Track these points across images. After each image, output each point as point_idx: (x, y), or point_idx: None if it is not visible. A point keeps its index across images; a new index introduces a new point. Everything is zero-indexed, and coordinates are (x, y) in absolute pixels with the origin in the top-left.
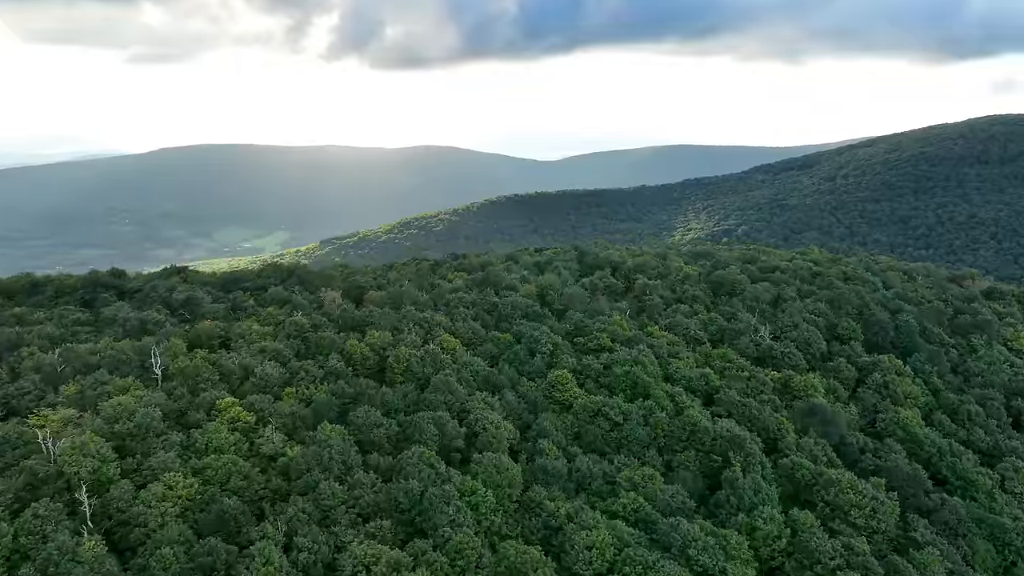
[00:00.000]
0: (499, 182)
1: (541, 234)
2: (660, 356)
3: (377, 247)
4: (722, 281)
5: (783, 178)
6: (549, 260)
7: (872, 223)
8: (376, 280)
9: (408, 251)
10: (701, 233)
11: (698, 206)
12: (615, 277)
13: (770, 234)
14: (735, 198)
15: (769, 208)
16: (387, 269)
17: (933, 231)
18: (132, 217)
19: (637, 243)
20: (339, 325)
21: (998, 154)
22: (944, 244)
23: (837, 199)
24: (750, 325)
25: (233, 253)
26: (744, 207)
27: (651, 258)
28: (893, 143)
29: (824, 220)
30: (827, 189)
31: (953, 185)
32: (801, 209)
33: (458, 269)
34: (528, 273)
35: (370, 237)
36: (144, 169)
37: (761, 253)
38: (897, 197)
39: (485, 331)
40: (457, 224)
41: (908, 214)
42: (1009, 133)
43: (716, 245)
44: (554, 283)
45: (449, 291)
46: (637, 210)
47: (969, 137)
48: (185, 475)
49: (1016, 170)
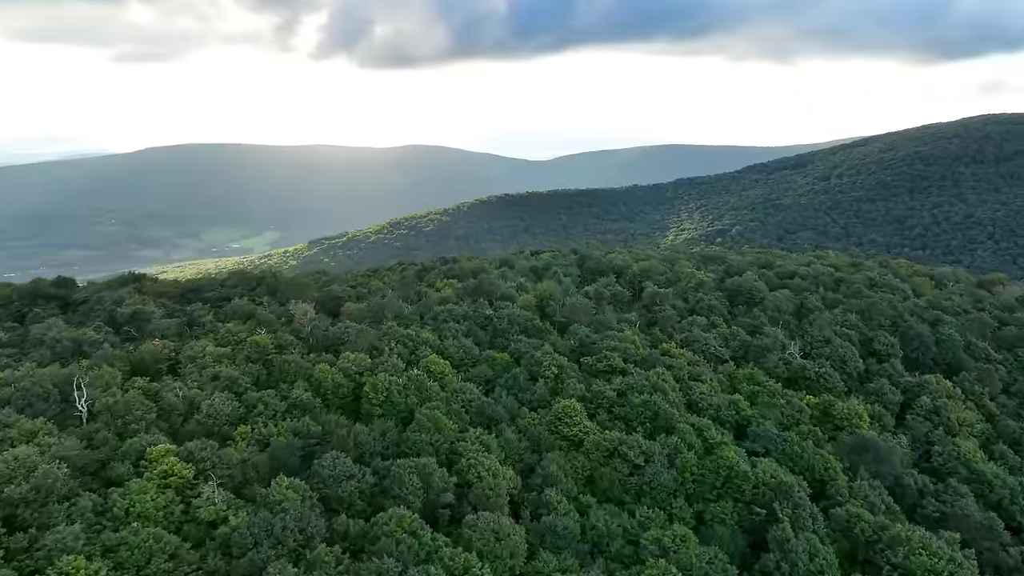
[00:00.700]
0: (489, 182)
1: (532, 234)
2: (680, 379)
3: (366, 248)
4: (739, 289)
5: (777, 178)
6: (547, 265)
7: (867, 223)
8: (356, 289)
9: (397, 252)
10: (695, 233)
11: (691, 206)
12: (620, 283)
13: (764, 234)
14: (728, 198)
15: (763, 208)
16: (369, 276)
17: (929, 231)
18: (118, 217)
19: (630, 243)
20: (309, 344)
21: (993, 153)
22: (941, 244)
23: (832, 199)
24: (777, 340)
25: (221, 253)
26: (738, 207)
27: (658, 262)
28: (887, 142)
29: (819, 220)
30: (821, 189)
31: (949, 184)
32: (795, 209)
33: (448, 276)
34: (525, 280)
35: (359, 237)
36: (131, 168)
37: (775, 257)
38: (892, 197)
39: (479, 350)
40: (447, 224)
41: (904, 214)
42: (1004, 132)
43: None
44: (554, 292)
45: (437, 302)
46: (629, 210)
47: (964, 136)
48: (91, 558)
49: (1012, 169)
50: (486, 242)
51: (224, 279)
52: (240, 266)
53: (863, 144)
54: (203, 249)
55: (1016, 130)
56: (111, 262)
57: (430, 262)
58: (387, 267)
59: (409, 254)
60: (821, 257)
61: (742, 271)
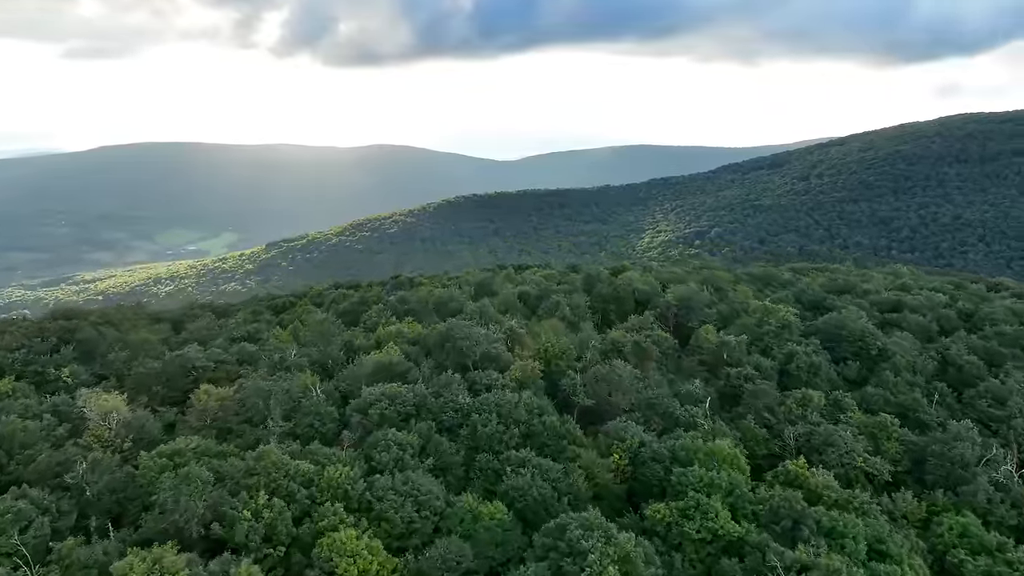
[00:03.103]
0: (456, 182)
1: (503, 236)
2: (854, 554)
3: (327, 250)
4: (839, 332)
5: (752, 178)
6: (543, 292)
7: (852, 224)
8: (238, 348)
9: (359, 256)
10: (672, 235)
11: (666, 207)
12: (656, 319)
13: (745, 236)
14: (704, 198)
15: (742, 208)
16: (281, 311)
17: (917, 233)
18: (68, 219)
19: (604, 246)
20: (80, 503)
21: (977, 152)
22: (930, 247)
23: (813, 199)
24: (971, 443)
25: (177, 256)
26: (715, 207)
27: (696, 284)
28: (866, 141)
29: (801, 221)
30: (801, 189)
31: (933, 184)
32: (776, 210)
33: (399, 311)
34: (515, 318)
35: (319, 240)
36: (82, 168)
37: (842, 274)
38: (876, 197)
39: (444, 499)
40: (412, 226)
41: (889, 215)
42: (986, 131)
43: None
44: (565, 346)
45: (372, 373)
46: (602, 211)
47: (946, 135)
48: None
49: (997, 169)
50: (453, 244)
51: (22, 327)
52: (192, 271)
53: (840, 144)
54: (158, 252)
55: (999, 129)
56: (58, 266)
57: (377, 287)
58: (318, 289)
59: (371, 259)
60: (895, 275)
61: (823, 300)
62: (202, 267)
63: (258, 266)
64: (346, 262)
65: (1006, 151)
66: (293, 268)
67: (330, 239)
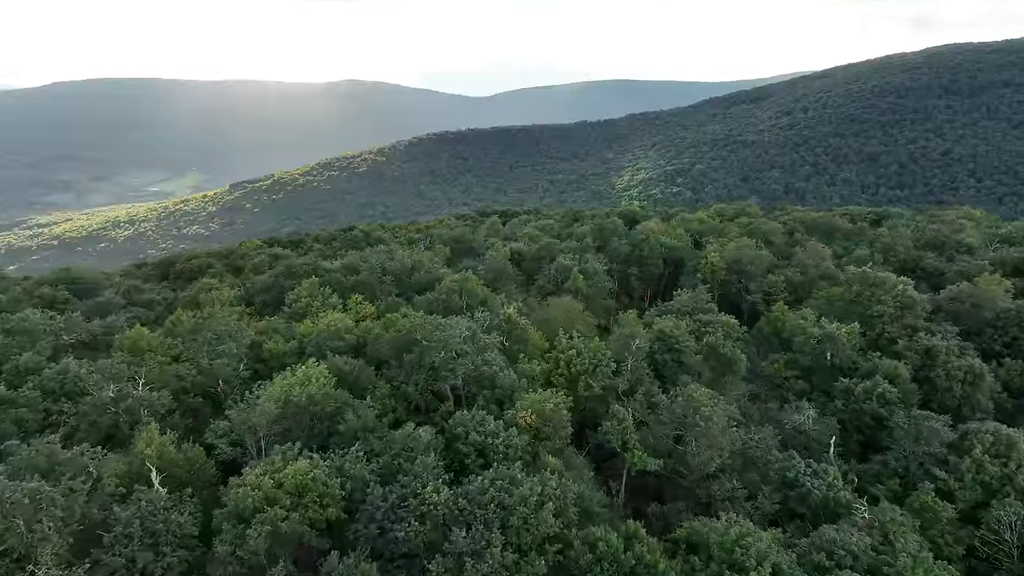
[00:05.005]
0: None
1: (476, 175)
2: None
3: (293, 191)
4: (982, 313)
5: (735, 112)
6: (544, 252)
7: (839, 160)
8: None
9: (326, 196)
10: (653, 173)
11: (646, 143)
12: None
13: (727, 173)
14: (685, 134)
15: (725, 144)
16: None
17: (906, 169)
18: (20, 160)
19: (583, 184)
20: None
21: (967, 84)
22: (920, 183)
23: (799, 134)
24: None
25: (139, 198)
26: (697, 143)
27: (750, 242)
28: (851, 73)
29: (786, 157)
30: (786, 124)
31: (922, 118)
32: (760, 145)
33: (346, 287)
34: (515, 303)
35: (286, 179)
36: (35, 105)
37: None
38: (864, 132)
39: None
40: (383, 165)
41: (877, 150)
42: (977, 62)
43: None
44: (599, 359)
45: (275, 422)
46: (580, 147)
47: (934, 67)
48: None
49: (988, 101)
50: (425, 184)
51: None
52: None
53: (825, 76)
54: (119, 194)
55: (988, 59)
56: (8, 209)
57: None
58: (244, 249)
59: (340, 199)
60: (973, 219)
61: (918, 260)
62: (163, 210)
63: (221, 208)
64: (313, 203)
65: (996, 82)
66: (259, 210)
67: (296, 179)
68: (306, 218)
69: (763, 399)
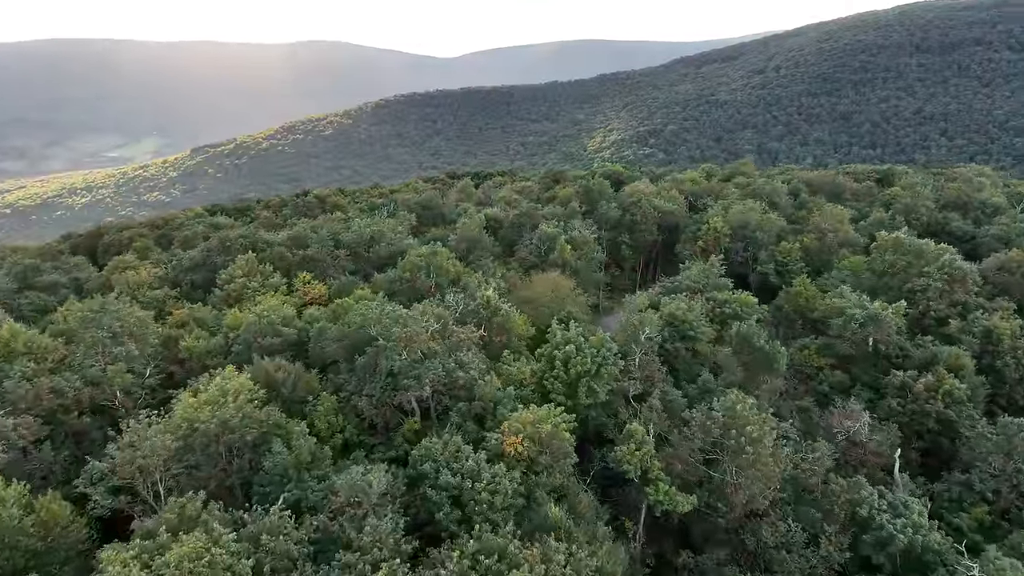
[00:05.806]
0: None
1: (445, 137)
2: None
3: (256, 156)
4: None
5: (707, 72)
6: (524, 219)
7: (811, 120)
8: None
9: (291, 160)
10: (625, 134)
11: (617, 103)
12: None
13: (700, 133)
14: (657, 94)
15: (697, 105)
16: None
17: (879, 127)
18: None
19: (555, 146)
20: None
21: (938, 42)
22: (892, 142)
23: (771, 93)
24: None
25: (97, 164)
26: (669, 103)
27: (755, 203)
28: (824, 32)
29: (758, 117)
30: (758, 83)
31: (893, 76)
32: (732, 105)
33: (293, 263)
34: (495, 283)
35: (248, 143)
36: None
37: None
38: (836, 91)
39: None
40: (349, 128)
41: (849, 109)
42: (948, 20)
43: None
44: (601, 354)
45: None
46: (550, 108)
47: (907, 24)
48: None
49: (959, 59)
50: (393, 147)
51: None
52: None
53: (797, 35)
54: (76, 160)
55: (959, 16)
56: None
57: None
58: (182, 218)
59: (305, 162)
60: (988, 177)
61: (944, 225)
62: (121, 176)
63: (182, 174)
64: (278, 167)
65: (968, 39)
66: (221, 175)
67: (260, 143)
68: (271, 183)
69: (791, 395)
